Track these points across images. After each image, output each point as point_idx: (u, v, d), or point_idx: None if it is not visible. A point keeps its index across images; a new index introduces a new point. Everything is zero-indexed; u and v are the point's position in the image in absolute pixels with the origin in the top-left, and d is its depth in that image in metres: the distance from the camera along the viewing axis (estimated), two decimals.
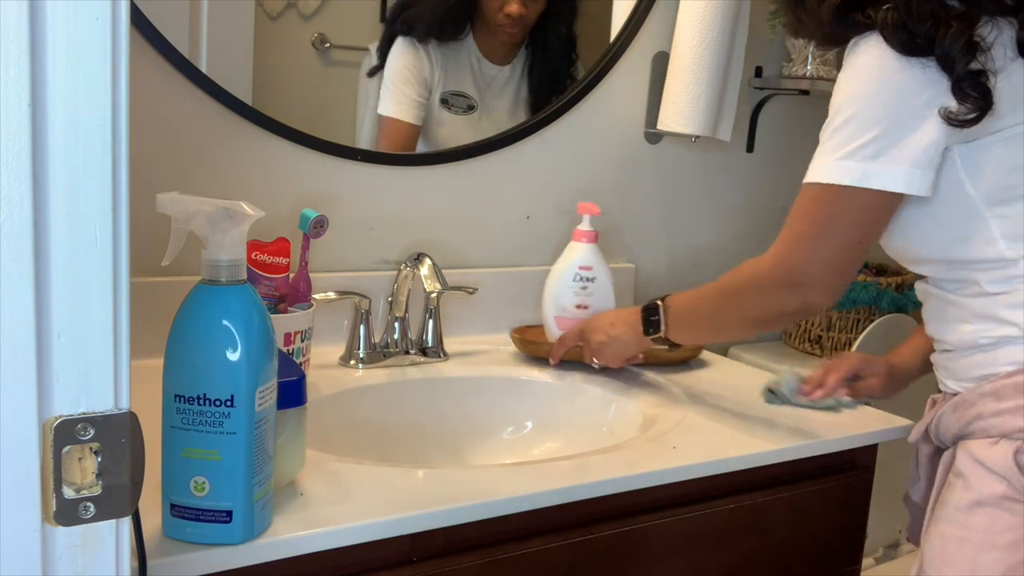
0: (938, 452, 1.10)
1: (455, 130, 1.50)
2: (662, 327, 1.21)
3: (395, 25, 1.43)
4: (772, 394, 1.28)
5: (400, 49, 1.43)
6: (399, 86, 1.43)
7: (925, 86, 0.95)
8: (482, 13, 1.48)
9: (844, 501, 1.22)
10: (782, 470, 1.13)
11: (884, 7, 0.96)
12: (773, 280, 1.05)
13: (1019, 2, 0.97)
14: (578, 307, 1.40)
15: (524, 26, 1.50)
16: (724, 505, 1.10)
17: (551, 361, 1.37)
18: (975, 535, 0.97)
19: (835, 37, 1.04)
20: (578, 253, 1.41)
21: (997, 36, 0.96)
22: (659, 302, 1.22)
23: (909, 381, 1.30)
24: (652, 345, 1.25)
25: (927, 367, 1.29)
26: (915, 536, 1.16)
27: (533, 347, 1.41)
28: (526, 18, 1.49)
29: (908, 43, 0.95)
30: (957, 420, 1.04)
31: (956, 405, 1.04)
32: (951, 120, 0.95)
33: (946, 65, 0.94)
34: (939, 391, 1.11)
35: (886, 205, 1.00)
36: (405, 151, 1.46)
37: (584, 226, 1.41)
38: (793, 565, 1.19)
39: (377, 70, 1.44)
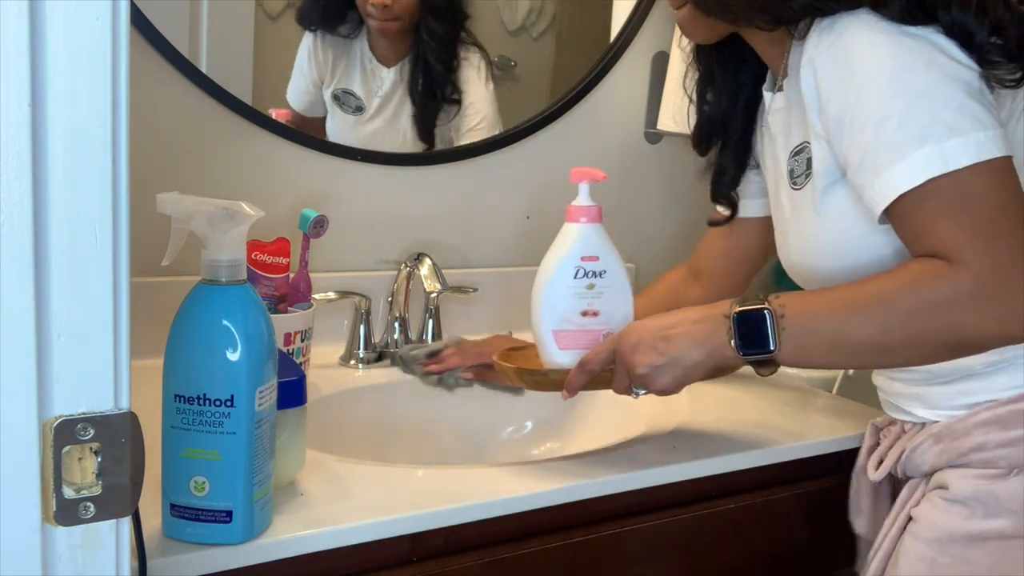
0: (889, 481, 1.05)
1: (344, 129, 1.44)
2: (773, 345, 0.88)
3: (297, 15, 1.38)
4: (403, 361, 1.28)
5: (304, 41, 1.39)
6: (296, 73, 1.40)
7: (950, 54, 0.85)
8: (359, 8, 1.40)
9: (843, 501, 1.22)
10: (781, 470, 1.13)
11: None
12: (990, 293, 0.82)
13: None
14: (584, 315, 1.00)
15: (395, 19, 1.39)
16: (724, 505, 1.10)
17: (565, 396, 1.01)
18: (978, 570, 0.91)
19: (788, 11, 0.91)
20: (576, 238, 1.01)
21: None
22: (766, 305, 0.89)
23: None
24: (742, 366, 0.93)
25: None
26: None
27: (535, 380, 1.05)
28: (393, 9, 1.38)
29: (906, 9, 0.85)
30: (943, 452, 0.96)
31: (939, 436, 0.97)
32: (999, 81, 0.85)
33: (961, 33, 0.85)
34: (898, 420, 1.04)
35: (1014, 171, 0.85)
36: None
37: (582, 200, 1.02)
38: (792, 565, 1.19)
39: None
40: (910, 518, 1.00)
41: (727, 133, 1.15)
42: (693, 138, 1.19)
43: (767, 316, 0.88)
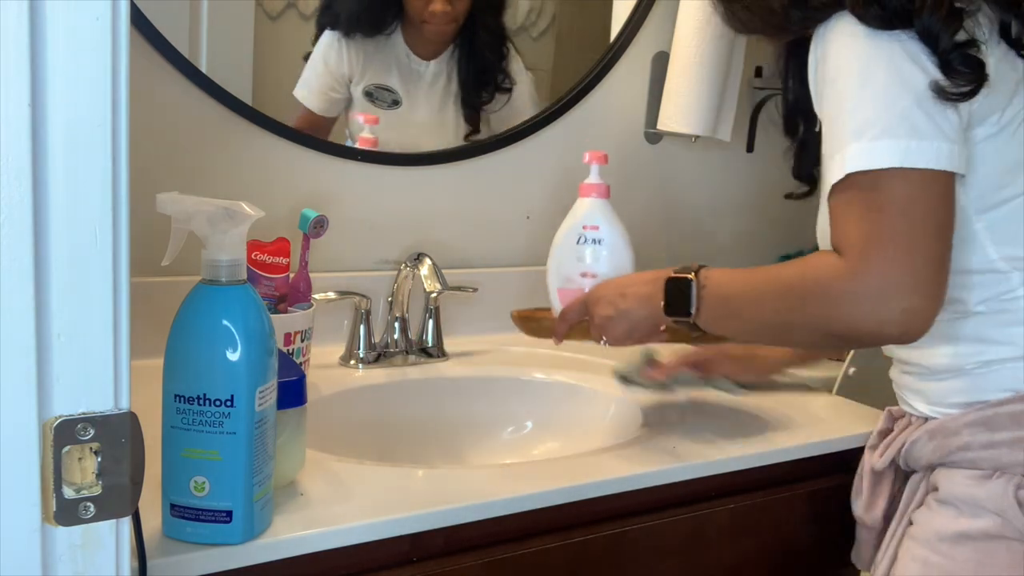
0: (892, 468, 1.06)
1: (381, 126, 1.46)
2: (692, 309, 0.99)
3: (323, 17, 1.40)
4: (623, 378, 1.26)
5: (324, 40, 1.41)
6: (311, 74, 1.41)
7: (914, 60, 0.87)
8: (407, 10, 1.44)
9: (844, 501, 1.22)
10: (781, 470, 1.13)
11: None
12: (863, 291, 0.86)
13: None
14: (584, 275, 1.14)
15: (453, 21, 1.46)
16: (724, 505, 1.10)
17: (554, 341, 1.16)
18: (962, 568, 0.93)
19: (790, 26, 0.95)
20: (583, 210, 1.16)
21: (979, 11, 0.89)
22: (692, 275, 1.00)
23: (777, 367, 1.29)
24: (672, 326, 1.04)
25: (797, 357, 1.29)
26: (862, 558, 1.10)
27: (534, 325, 1.22)
28: (452, 14, 1.45)
29: (883, 17, 0.87)
30: (935, 449, 0.98)
31: (933, 432, 0.98)
32: (945, 95, 0.86)
33: (929, 40, 0.87)
34: (906, 412, 1.06)
35: (948, 184, 0.87)
36: (317, 135, 1.42)
37: (592, 178, 1.18)
38: (793, 565, 1.19)
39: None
40: (911, 522, 1.01)
41: (808, 115, 1.13)
42: (783, 123, 1.20)
43: (691, 285, 0.99)
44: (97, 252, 0.54)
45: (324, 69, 1.41)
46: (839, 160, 0.88)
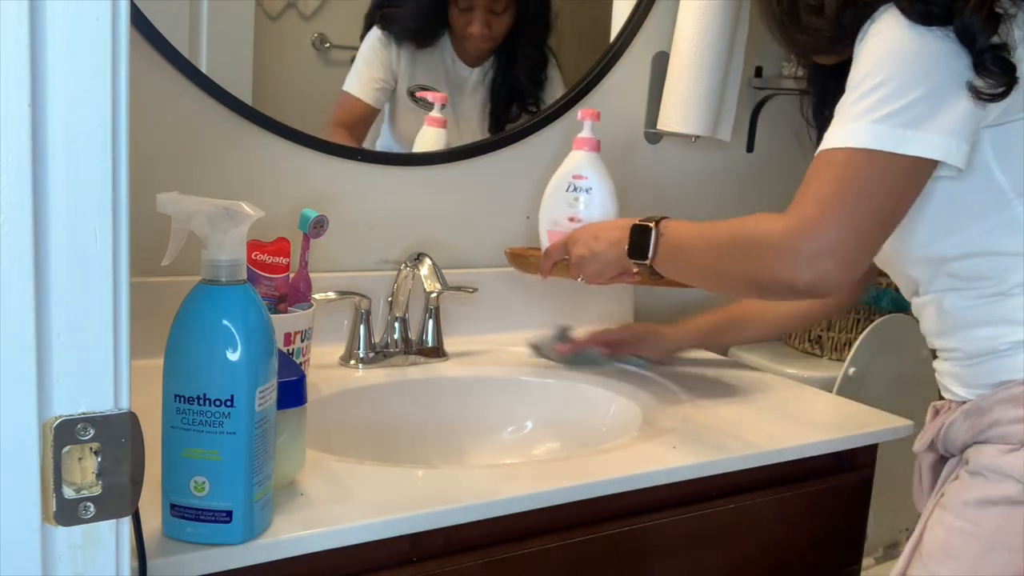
0: (941, 461, 1.08)
1: (415, 125, 1.49)
2: (650, 254, 1.10)
3: (374, 18, 1.44)
4: (535, 348, 1.35)
5: (374, 35, 1.44)
6: (363, 67, 1.44)
7: (950, 57, 0.91)
8: (451, 23, 1.50)
9: (844, 501, 1.22)
10: (782, 470, 1.13)
11: None
12: (790, 246, 0.94)
13: None
14: (570, 220, 1.29)
15: (491, 41, 1.52)
16: (724, 505, 1.10)
17: (540, 276, 1.30)
18: (984, 532, 0.96)
19: (844, 32, 0.99)
20: (574, 161, 1.31)
21: (1017, 12, 0.94)
22: (653, 224, 1.11)
23: (681, 345, 1.39)
24: (633, 268, 1.16)
25: (703, 338, 1.39)
26: None
27: (522, 261, 1.35)
28: (489, 35, 1.50)
29: (925, 12, 0.91)
30: (970, 428, 1.02)
31: (968, 412, 1.02)
32: (979, 95, 0.91)
33: (966, 38, 0.91)
34: (940, 398, 1.09)
35: (920, 175, 0.94)
36: (356, 129, 1.46)
37: (585, 133, 1.31)
38: (793, 565, 1.19)
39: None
40: (942, 495, 1.04)
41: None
42: (815, 125, 1.24)
43: (651, 233, 1.10)
44: (97, 252, 0.54)
45: (375, 60, 1.44)
46: (833, 132, 0.95)
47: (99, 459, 0.55)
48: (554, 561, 0.98)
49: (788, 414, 1.23)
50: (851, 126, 0.93)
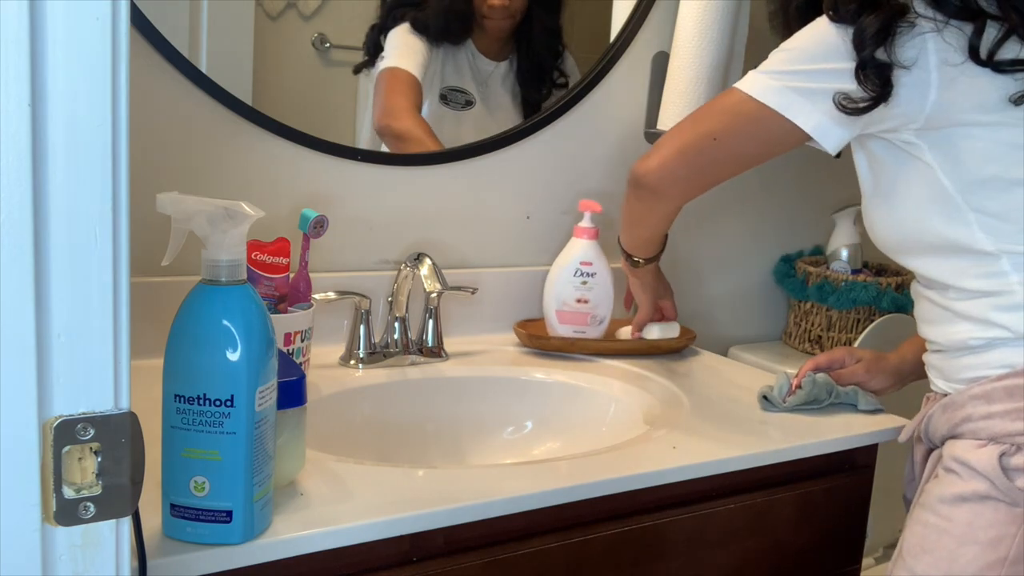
0: (931, 452, 1.11)
1: (455, 126, 1.50)
2: (620, 240, 1.35)
3: (400, 12, 1.43)
4: (766, 400, 1.25)
5: (402, 30, 1.43)
6: (401, 49, 1.44)
7: (843, 55, 1.00)
8: (472, 7, 1.50)
9: (844, 501, 1.22)
10: (782, 470, 1.13)
11: None
12: (648, 154, 1.18)
13: (977, 11, 0.98)
14: (578, 301, 1.45)
15: (510, 17, 1.52)
16: (724, 505, 1.10)
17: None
18: (957, 528, 0.99)
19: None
20: (579, 249, 1.46)
21: (942, 33, 0.98)
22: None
23: (908, 377, 1.28)
24: (634, 268, 1.38)
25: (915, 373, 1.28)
26: None
27: (542, 342, 1.45)
28: (509, 9, 1.51)
29: (834, 7, 1.01)
30: (946, 421, 1.05)
31: (945, 406, 1.06)
32: (843, 105, 1.00)
33: (857, 44, 0.99)
34: (932, 390, 1.12)
35: (782, 138, 1.07)
36: (407, 99, 1.45)
37: (585, 223, 1.46)
38: (793, 565, 1.19)
39: (364, 66, 1.44)
40: (923, 492, 1.07)
41: None
42: None
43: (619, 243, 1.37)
44: (97, 252, 0.54)
45: (413, 46, 1.44)
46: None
47: (99, 459, 0.55)
48: (554, 561, 0.98)
49: (788, 414, 1.23)
50: (751, 75, 1.07)
